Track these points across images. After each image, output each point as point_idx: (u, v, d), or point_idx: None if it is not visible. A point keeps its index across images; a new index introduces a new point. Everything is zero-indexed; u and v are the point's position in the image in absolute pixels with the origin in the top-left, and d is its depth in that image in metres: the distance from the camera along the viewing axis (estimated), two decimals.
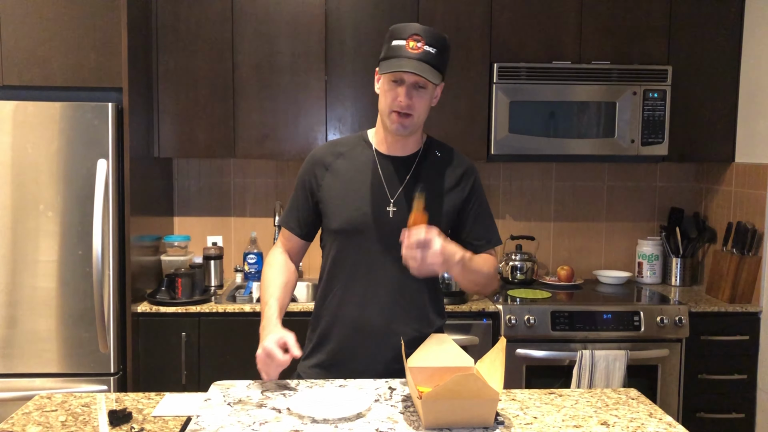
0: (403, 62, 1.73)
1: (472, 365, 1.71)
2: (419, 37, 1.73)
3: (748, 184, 3.12)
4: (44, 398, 1.74)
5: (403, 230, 1.65)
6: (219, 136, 3.09)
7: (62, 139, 2.69)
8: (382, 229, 1.85)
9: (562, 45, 3.14)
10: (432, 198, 1.86)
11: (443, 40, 1.77)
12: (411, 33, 1.74)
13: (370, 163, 1.89)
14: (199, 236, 3.44)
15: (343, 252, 1.89)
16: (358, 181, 1.88)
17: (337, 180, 1.89)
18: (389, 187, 1.87)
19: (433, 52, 1.74)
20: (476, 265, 1.82)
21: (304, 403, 1.61)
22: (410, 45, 1.73)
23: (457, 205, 1.90)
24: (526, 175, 3.54)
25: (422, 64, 1.73)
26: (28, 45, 2.84)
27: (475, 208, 1.92)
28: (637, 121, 3.11)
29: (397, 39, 1.75)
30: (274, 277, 1.91)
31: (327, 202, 1.89)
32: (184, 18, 3.04)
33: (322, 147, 1.97)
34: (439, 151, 1.95)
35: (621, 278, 3.43)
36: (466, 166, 1.94)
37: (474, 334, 2.88)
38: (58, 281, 2.72)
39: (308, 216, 1.94)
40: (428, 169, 1.91)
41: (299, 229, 1.96)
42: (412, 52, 1.73)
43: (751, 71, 3.14)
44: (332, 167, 1.91)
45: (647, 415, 1.63)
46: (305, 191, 1.93)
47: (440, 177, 1.90)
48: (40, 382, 2.73)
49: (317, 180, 1.90)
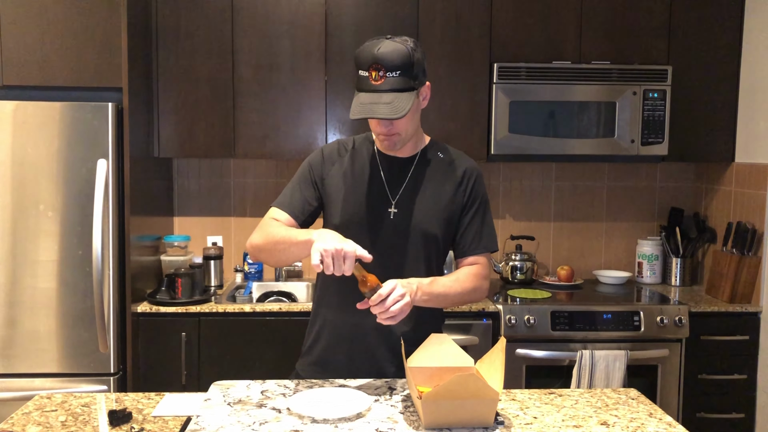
0: (365, 105, 1.70)
1: (472, 365, 1.71)
2: (379, 66, 1.69)
3: (748, 184, 3.12)
4: (44, 398, 1.74)
5: (365, 300, 1.64)
6: (219, 136, 3.09)
7: (62, 139, 2.69)
8: (382, 229, 1.85)
9: (562, 45, 3.14)
10: (432, 200, 1.87)
11: (408, 56, 1.71)
12: (371, 63, 1.70)
13: (373, 163, 1.90)
14: (199, 236, 3.44)
15: None
16: (361, 179, 1.89)
17: (342, 176, 1.90)
18: (390, 189, 1.88)
19: (397, 75, 1.70)
20: (444, 288, 1.80)
21: (304, 403, 1.61)
22: (373, 76, 1.70)
23: (457, 207, 1.90)
24: (526, 175, 3.54)
25: (385, 96, 1.69)
26: (28, 45, 2.84)
27: (473, 209, 1.91)
28: (637, 121, 3.11)
29: (360, 68, 1.73)
30: (279, 226, 1.83)
31: (330, 197, 1.89)
32: (184, 18, 3.04)
33: (332, 143, 1.99)
34: (441, 152, 1.95)
35: (621, 278, 3.43)
36: (466, 167, 1.93)
37: (474, 334, 2.88)
38: (58, 281, 2.72)
39: (311, 203, 1.91)
40: (429, 170, 1.91)
41: (300, 214, 1.89)
42: (375, 84, 1.70)
43: (751, 71, 3.14)
44: (338, 164, 1.92)
45: (647, 415, 1.63)
46: (310, 180, 1.92)
47: (441, 178, 1.90)
48: (40, 382, 2.73)
49: (323, 173, 1.91)
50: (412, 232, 1.86)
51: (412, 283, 1.71)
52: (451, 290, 1.82)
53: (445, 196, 1.89)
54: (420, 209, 1.86)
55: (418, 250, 1.87)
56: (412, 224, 1.86)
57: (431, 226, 1.87)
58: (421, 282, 1.74)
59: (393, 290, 1.63)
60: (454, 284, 1.83)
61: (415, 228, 1.86)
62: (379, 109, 1.69)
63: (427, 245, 1.88)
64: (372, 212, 1.86)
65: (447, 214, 1.88)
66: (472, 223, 1.91)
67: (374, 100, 1.70)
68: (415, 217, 1.86)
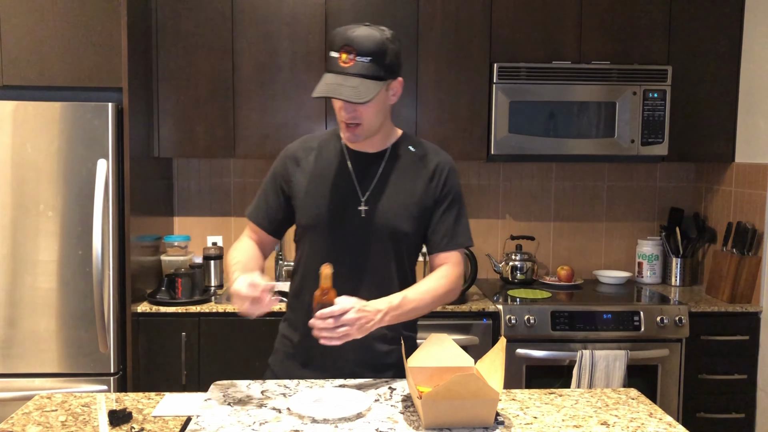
0: (329, 85, 1.67)
1: (472, 365, 1.71)
2: (351, 48, 1.66)
3: (748, 184, 3.12)
4: (44, 398, 1.74)
5: (314, 306, 1.61)
6: (219, 136, 3.09)
7: (62, 139, 2.69)
8: (354, 228, 1.82)
9: (562, 45, 3.14)
10: (403, 196, 1.82)
11: (381, 43, 1.68)
12: (342, 44, 1.67)
13: (342, 160, 1.85)
14: (199, 236, 3.44)
15: (314, 249, 1.85)
16: (328, 178, 1.84)
17: (307, 176, 1.85)
18: (360, 185, 1.83)
19: (367, 61, 1.66)
20: (415, 303, 1.75)
21: (304, 403, 1.61)
22: (343, 58, 1.67)
23: (429, 203, 1.84)
24: (526, 175, 3.54)
25: (351, 80, 1.66)
26: (28, 45, 2.84)
27: (445, 204, 1.85)
28: (637, 121, 3.11)
29: (331, 49, 1.69)
30: (240, 254, 1.85)
31: (298, 198, 1.85)
32: (184, 18, 3.04)
33: (295, 142, 1.94)
34: (413, 146, 1.89)
35: (621, 278, 3.43)
36: (438, 161, 1.87)
37: (474, 334, 2.88)
38: (58, 281, 2.72)
39: (278, 212, 1.90)
40: (399, 165, 1.85)
41: (268, 225, 1.90)
42: (343, 66, 1.67)
43: (751, 71, 3.14)
44: (303, 163, 1.87)
45: (647, 415, 1.63)
46: (276, 186, 1.90)
47: (412, 174, 1.85)
48: (40, 382, 2.73)
49: (288, 176, 1.87)
50: (383, 230, 1.81)
51: (380, 307, 1.66)
52: (423, 302, 1.77)
53: (417, 191, 1.83)
54: (391, 206, 1.82)
55: (389, 249, 1.83)
56: (383, 222, 1.81)
57: (402, 223, 1.82)
58: (391, 303, 1.69)
59: (346, 312, 1.58)
60: (425, 295, 1.78)
61: (385, 226, 1.81)
62: (343, 91, 1.65)
63: (399, 243, 1.84)
64: (341, 211, 1.82)
65: (418, 211, 1.83)
66: (445, 219, 1.85)
67: (340, 81, 1.66)
68: (386, 215, 1.81)
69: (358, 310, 1.62)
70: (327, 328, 1.59)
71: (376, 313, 1.66)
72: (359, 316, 1.61)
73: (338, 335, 1.60)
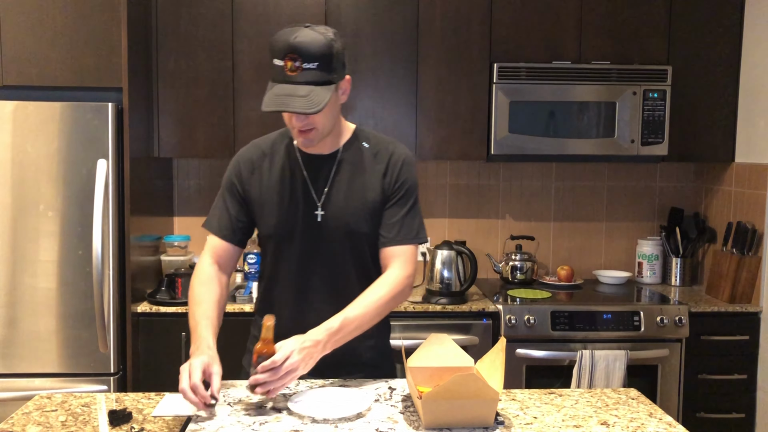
0: (279, 97, 1.61)
1: (472, 365, 1.71)
2: (295, 56, 1.59)
3: (748, 184, 3.12)
4: (44, 398, 1.74)
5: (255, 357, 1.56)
6: (219, 136, 3.09)
7: (62, 139, 2.69)
8: (312, 234, 1.79)
9: (562, 45, 3.14)
10: (358, 195, 1.79)
11: (327, 47, 1.62)
12: (286, 52, 1.60)
13: (295, 164, 1.81)
14: (199, 236, 3.43)
15: (276, 256, 1.83)
16: (283, 185, 1.80)
17: (263, 183, 1.81)
18: (315, 190, 1.79)
19: (315, 67, 1.61)
20: (357, 321, 1.68)
21: (304, 403, 1.61)
22: (288, 66, 1.60)
23: (381, 197, 1.80)
24: (526, 175, 3.54)
25: (301, 89, 1.60)
26: (28, 45, 2.84)
27: (397, 197, 1.80)
28: (637, 121, 3.11)
29: (275, 57, 1.62)
30: (205, 294, 1.79)
31: (256, 206, 1.82)
32: (184, 18, 3.04)
33: (245, 148, 1.89)
34: (367, 142, 1.84)
35: (621, 278, 3.43)
36: (392, 155, 1.82)
37: (474, 334, 2.88)
38: (58, 281, 2.72)
39: (240, 221, 1.85)
40: (354, 164, 1.81)
41: (233, 236, 1.85)
42: (290, 75, 1.60)
43: (751, 71, 3.14)
44: (258, 170, 1.83)
45: (647, 415, 1.63)
46: (234, 195, 1.85)
47: (367, 171, 1.80)
48: (40, 382, 2.73)
49: (243, 184, 1.83)
50: (341, 233, 1.78)
51: (319, 338, 1.61)
52: (367, 317, 1.71)
53: (373, 189, 1.79)
54: (347, 208, 1.78)
55: (349, 252, 1.80)
56: (340, 225, 1.78)
57: (360, 224, 1.78)
58: (330, 330, 1.63)
59: (288, 357, 1.54)
60: (368, 309, 1.71)
61: (343, 228, 1.78)
62: (294, 102, 1.60)
63: (359, 245, 1.80)
64: (298, 218, 1.78)
65: (375, 209, 1.79)
66: (395, 213, 1.80)
67: (289, 92, 1.60)
68: (343, 217, 1.77)
69: (300, 351, 1.57)
70: (272, 380, 1.54)
71: (317, 345, 1.61)
72: (302, 356, 1.57)
73: (285, 383, 1.56)
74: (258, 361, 1.56)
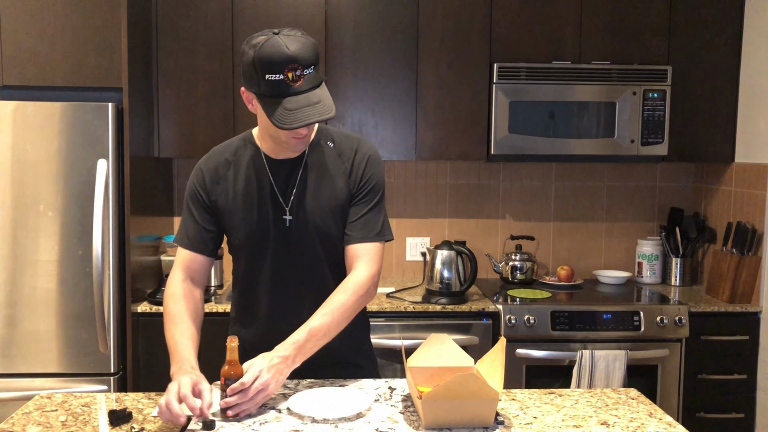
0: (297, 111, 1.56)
1: (472, 365, 1.71)
2: (295, 65, 1.55)
3: (748, 184, 3.12)
4: (44, 398, 1.74)
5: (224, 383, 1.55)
6: (219, 136, 3.07)
7: (62, 139, 2.69)
8: (283, 240, 1.77)
9: (562, 45, 3.14)
10: (325, 196, 1.77)
11: (314, 46, 1.60)
12: (285, 64, 1.55)
13: (262, 171, 1.78)
14: None
15: (249, 265, 1.82)
16: (252, 191, 1.77)
17: (229, 192, 1.79)
18: (282, 195, 1.77)
19: (312, 70, 1.58)
20: (324, 329, 1.66)
21: (304, 403, 1.61)
22: (290, 78, 1.56)
23: (348, 196, 1.78)
24: (526, 175, 3.54)
25: (311, 96, 1.58)
26: (28, 45, 2.84)
27: (361, 195, 1.78)
28: (637, 121, 3.11)
29: (271, 72, 1.55)
30: (182, 313, 1.78)
31: (225, 216, 1.79)
32: (184, 18, 3.04)
33: (207, 157, 1.85)
34: (331, 141, 1.81)
35: (621, 278, 3.43)
36: (356, 152, 1.79)
37: (474, 334, 2.88)
38: (58, 281, 2.72)
39: (208, 231, 1.82)
40: (319, 165, 1.78)
41: (204, 247, 1.82)
42: (294, 85, 1.56)
43: (751, 71, 3.14)
44: (223, 179, 1.80)
45: (647, 415, 1.63)
46: (199, 205, 1.81)
47: (333, 171, 1.78)
48: (40, 382, 2.73)
49: (209, 194, 1.80)
50: (311, 236, 1.76)
51: (286, 353, 1.60)
52: (334, 323, 1.69)
53: (339, 189, 1.77)
54: (315, 210, 1.76)
55: (321, 254, 1.79)
56: (310, 228, 1.76)
57: (329, 225, 1.76)
58: (296, 343, 1.62)
59: (257, 377, 1.54)
60: (333, 316, 1.68)
61: (313, 232, 1.76)
62: (314, 111, 1.57)
63: (330, 246, 1.79)
64: (267, 225, 1.76)
65: (343, 209, 1.78)
66: (359, 210, 1.78)
67: (303, 103, 1.57)
68: (312, 220, 1.76)
69: (269, 369, 1.56)
70: (242, 401, 1.54)
71: (285, 360, 1.60)
72: (272, 374, 1.56)
73: (257, 403, 1.56)
74: (226, 383, 1.55)
